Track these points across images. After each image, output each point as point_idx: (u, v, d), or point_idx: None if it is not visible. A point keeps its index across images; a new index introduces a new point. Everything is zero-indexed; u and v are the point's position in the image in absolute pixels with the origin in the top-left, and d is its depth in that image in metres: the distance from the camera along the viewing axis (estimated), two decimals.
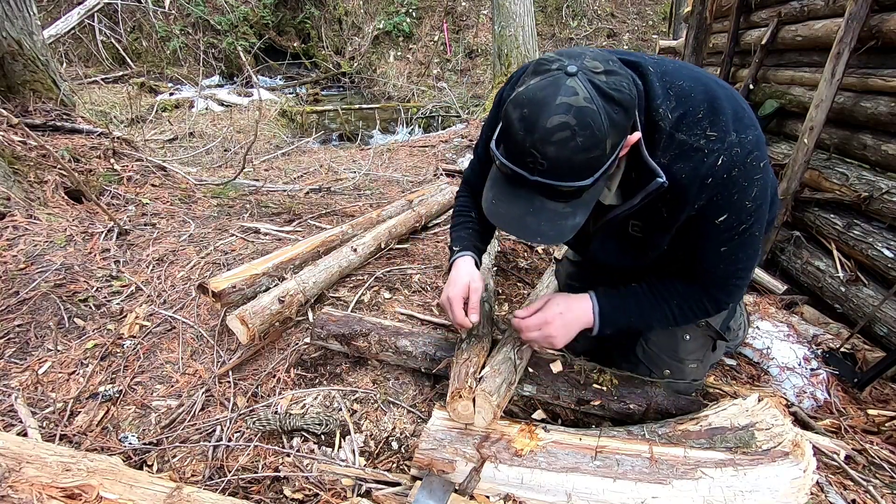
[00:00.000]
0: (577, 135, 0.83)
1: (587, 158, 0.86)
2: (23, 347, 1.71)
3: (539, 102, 0.85)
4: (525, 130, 0.86)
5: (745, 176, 1.01)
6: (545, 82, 0.86)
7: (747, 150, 1.00)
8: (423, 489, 1.16)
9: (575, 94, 0.83)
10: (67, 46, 8.92)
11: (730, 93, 1.05)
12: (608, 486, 1.14)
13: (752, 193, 1.03)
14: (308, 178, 4.63)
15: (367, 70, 11.15)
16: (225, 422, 1.47)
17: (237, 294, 1.79)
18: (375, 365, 1.66)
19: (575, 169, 0.88)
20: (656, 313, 1.25)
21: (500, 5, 7.09)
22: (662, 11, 11.01)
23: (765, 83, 3.34)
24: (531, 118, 0.85)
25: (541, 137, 0.85)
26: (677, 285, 1.24)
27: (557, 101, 0.83)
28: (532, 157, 0.87)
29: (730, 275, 1.17)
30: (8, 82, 3.26)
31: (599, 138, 0.85)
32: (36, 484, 1.01)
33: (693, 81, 1.04)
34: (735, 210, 1.04)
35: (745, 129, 1.01)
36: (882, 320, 2.15)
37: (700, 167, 1.00)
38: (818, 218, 2.62)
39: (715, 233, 1.08)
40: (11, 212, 2.32)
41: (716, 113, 1.00)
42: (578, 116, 0.83)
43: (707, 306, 1.24)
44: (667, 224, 1.11)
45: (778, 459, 1.15)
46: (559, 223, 0.96)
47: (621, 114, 0.87)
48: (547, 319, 1.25)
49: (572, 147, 0.84)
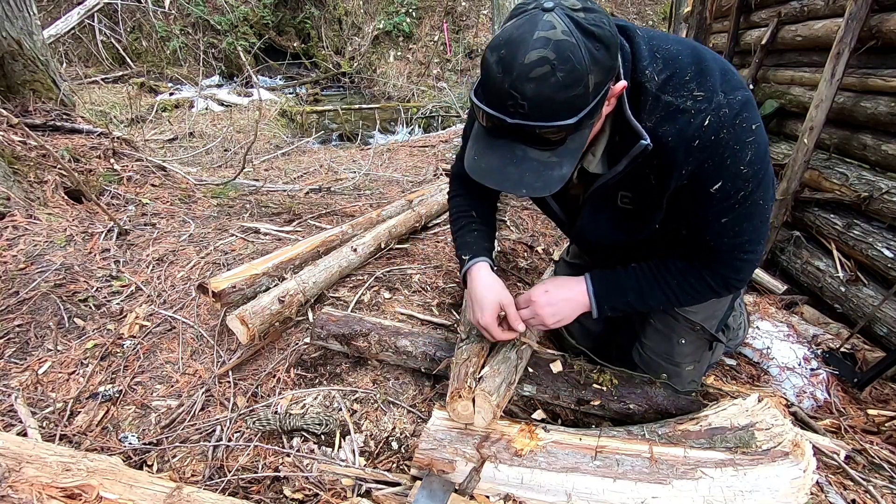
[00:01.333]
0: (556, 69, 0.80)
1: (568, 96, 0.82)
2: (23, 347, 1.71)
3: (516, 40, 0.81)
4: (503, 71, 0.82)
5: (736, 138, 0.96)
6: (521, 20, 0.83)
7: (735, 110, 0.96)
8: (423, 489, 1.16)
9: (553, 27, 0.80)
10: (67, 46, 8.92)
11: (717, 57, 1.02)
12: (608, 486, 1.14)
13: (746, 157, 0.98)
14: (308, 178, 4.63)
15: (367, 70, 11.15)
16: (225, 422, 1.47)
17: (237, 294, 1.79)
18: (375, 365, 1.66)
19: (556, 108, 0.83)
20: (655, 292, 1.21)
21: (500, 5, 7.08)
22: (662, 11, 11.01)
23: (765, 83, 3.34)
24: (508, 57, 0.82)
25: (519, 75, 0.81)
26: (678, 263, 1.20)
27: (535, 35, 0.80)
28: (512, 99, 0.83)
29: (735, 248, 1.10)
30: (8, 82, 3.26)
31: (580, 73, 0.81)
32: (36, 484, 1.01)
33: (680, 45, 1.01)
34: (730, 176, 0.99)
35: (733, 89, 0.97)
36: (882, 320, 2.15)
37: (687, 129, 0.95)
38: (818, 218, 2.62)
39: (712, 202, 1.02)
40: (11, 212, 2.32)
41: (703, 74, 0.97)
42: (557, 50, 0.79)
43: (712, 284, 1.17)
44: (656, 193, 1.06)
45: (778, 459, 1.15)
46: (545, 173, 0.91)
47: (602, 51, 0.83)
48: (531, 298, 1.23)
49: (553, 83, 0.80)
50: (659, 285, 1.21)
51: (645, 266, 1.23)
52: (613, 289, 1.24)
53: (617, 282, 1.24)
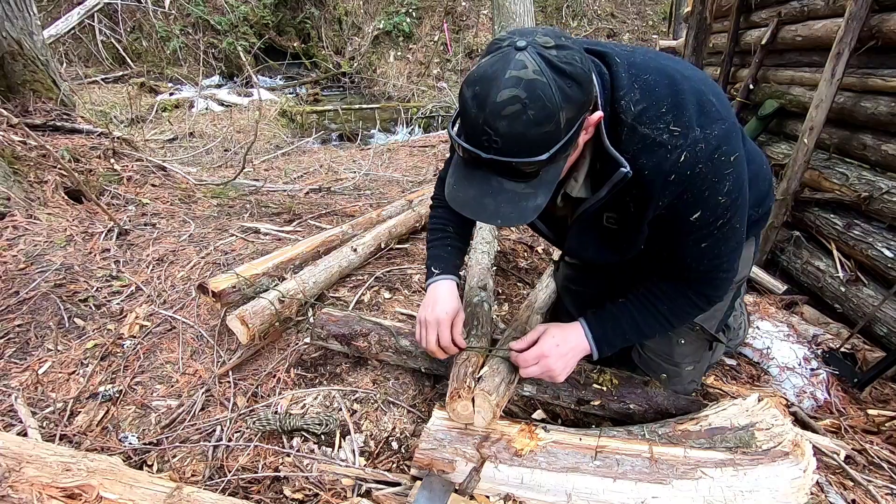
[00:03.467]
0: (527, 108, 0.82)
1: (540, 133, 0.84)
2: (23, 347, 1.71)
3: (489, 78, 0.84)
4: (477, 108, 0.85)
5: (714, 171, 0.99)
6: (495, 58, 0.85)
7: (713, 145, 0.97)
8: (423, 489, 1.16)
9: (524, 67, 0.82)
10: (67, 46, 8.92)
11: (695, 85, 1.02)
12: (608, 486, 1.14)
13: (724, 188, 1.01)
14: (308, 178, 4.63)
15: (367, 70, 11.15)
16: (225, 422, 1.47)
17: (237, 294, 1.79)
18: (375, 365, 1.66)
19: (529, 144, 0.85)
20: (650, 322, 1.24)
21: (500, 5, 7.08)
22: (662, 11, 11.01)
23: (765, 83, 3.34)
24: (482, 94, 0.84)
25: (492, 112, 0.83)
26: (664, 288, 1.23)
27: (507, 74, 0.82)
28: (486, 135, 0.85)
29: (714, 268, 1.15)
30: (8, 82, 3.26)
31: (551, 111, 0.83)
32: (36, 484, 1.01)
33: (658, 74, 1.01)
34: (709, 206, 1.02)
35: (710, 123, 0.98)
36: (882, 320, 2.15)
37: (663, 163, 0.98)
38: (818, 218, 2.62)
39: (691, 230, 1.07)
40: (11, 212, 2.32)
41: (679, 107, 0.98)
42: (528, 89, 0.81)
43: (697, 302, 1.22)
44: (637, 218, 1.09)
45: (778, 459, 1.15)
46: (520, 204, 0.93)
47: (574, 87, 0.85)
48: (544, 352, 1.23)
49: (524, 120, 0.82)
50: (652, 315, 1.24)
51: (634, 298, 1.26)
52: (610, 329, 1.26)
53: (612, 321, 1.26)
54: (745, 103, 3.47)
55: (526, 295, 2.29)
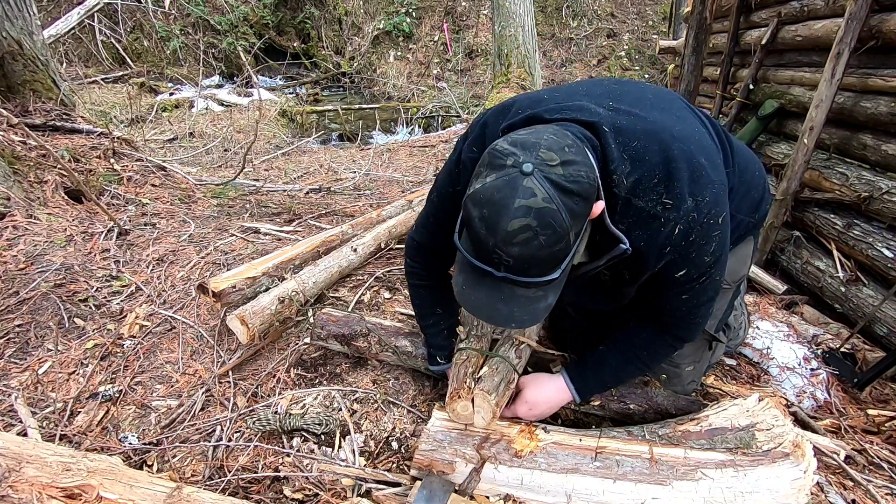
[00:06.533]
0: (539, 234, 0.83)
1: (552, 253, 0.86)
2: (23, 347, 1.71)
3: (497, 204, 0.83)
4: (487, 231, 0.85)
5: (703, 235, 1.02)
6: (501, 182, 0.84)
7: (704, 213, 1.00)
8: (423, 489, 1.16)
9: (533, 195, 0.82)
10: (67, 46, 8.91)
11: (686, 147, 1.01)
12: (608, 486, 1.14)
13: (710, 249, 1.05)
14: (308, 178, 4.63)
15: (367, 70, 11.14)
16: (225, 422, 1.46)
17: (237, 294, 1.79)
18: (375, 365, 1.66)
19: (540, 263, 0.87)
20: (629, 370, 1.31)
21: (500, 5, 7.08)
22: (662, 11, 11.00)
23: (765, 83, 3.33)
24: (491, 220, 0.84)
25: (503, 239, 0.84)
26: (643, 336, 1.28)
27: (516, 204, 0.82)
28: (497, 255, 0.86)
29: (691, 315, 1.21)
30: (8, 82, 3.26)
31: (561, 234, 0.84)
32: (36, 484, 1.01)
33: (647, 139, 1.00)
34: (694, 265, 1.07)
35: (701, 190, 1.00)
36: (882, 320, 2.15)
37: (657, 236, 1.01)
38: (818, 218, 2.62)
39: (675, 284, 1.11)
40: (11, 212, 2.32)
41: (671, 178, 0.98)
42: (539, 217, 0.82)
43: (674, 344, 1.28)
44: (628, 282, 1.16)
45: (778, 460, 1.15)
46: (531, 307, 0.95)
47: (581, 203, 0.86)
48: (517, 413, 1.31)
49: (535, 245, 0.84)
50: (631, 363, 1.29)
51: (615, 347, 1.31)
52: (591, 379, 1.33)
53: (593, 372, 1.33)
54: (745, 103, 3.47)
55: None
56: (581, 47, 10.69)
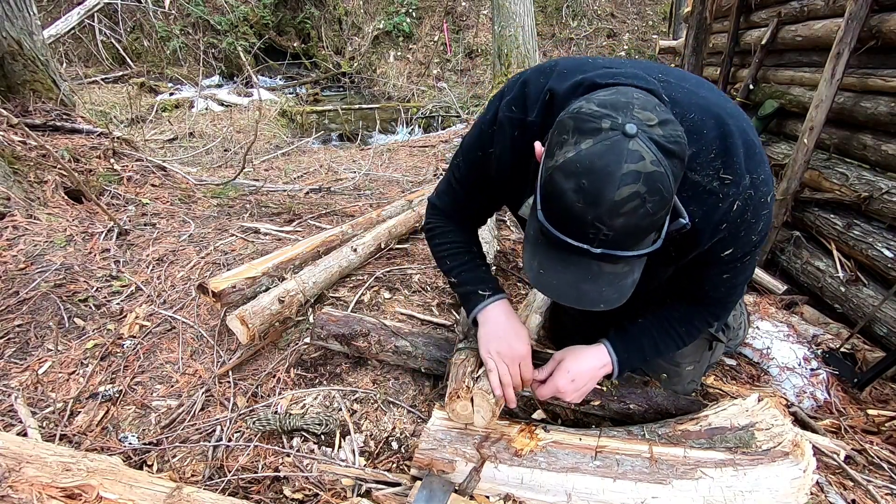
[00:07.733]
0: (647, 201, 0.76)
1: (652, 221, 0.80)
2: (23, 347, 1.71)
3: (600, 172, 0.75)
4: (585, 203, 0.77)
5: (755, 214, 1.00)
6: (601, 147, 0.76)
7: (761, 191, 0.98)
8: (423, 489, 1.16)
9: (641, 158, 0.75)
10: (67, 46, 8.91)
11: (740, 124, 0.99)
12: (608, 486, 1.14)
13: (758, 228, 1.03)
14: (308, 178, 4.63)
15: (367, 70, 11.15)
16: (225, 422, 1.47)
17: (237, 294, 1.79)
18: (375, 365, 1.66)
19: (641, 233, 0.81)
20: (667, 342, 1.27)
21: (500, 5, 7.09)
22: (662, 11, 11.01)
23: (765, 83, 3.34)
24: (593, 190, 0.76)
25: (608, 210, 0.76)
26: (680, 310, 1.27)
27: (624, 169, 0.75)
28: (595, 230, 0.78)
29: (729, 294, 1.21)
30: (8, 82, 3.26)
31: (668, 199, 0.79)
32: (36, 484, 1.01)
33: (703, 114, 0.98)
34: (741, 244, 1.05)
35: (756, 167, 0.98)
36: (882, 320, 2.15)
37: (713, 212, 0.97)
38: (818, 218, 2.62)
39: (720, 264, 1.09)
40: (11, 212, 2.32)
41: (728, 153, 0.95)
42: (648, 182, 0.75)
43: (708, 321, 1.29)
44: (672, 260, 1.11)
45: (778, 459, 1.15)
46: (618, 284, 0.88)
47: (679, 166, 0.81)
48: (559, 388, 1.19)
49: (641, 213, 0.77)
50: (670, 336, 1.27)
51: (653, 320, 1.27)
52: (633, 351, 1.26)
53: (635, 343, 1.26)
54: (745, 103, 3.47)
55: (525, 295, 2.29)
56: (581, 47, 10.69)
